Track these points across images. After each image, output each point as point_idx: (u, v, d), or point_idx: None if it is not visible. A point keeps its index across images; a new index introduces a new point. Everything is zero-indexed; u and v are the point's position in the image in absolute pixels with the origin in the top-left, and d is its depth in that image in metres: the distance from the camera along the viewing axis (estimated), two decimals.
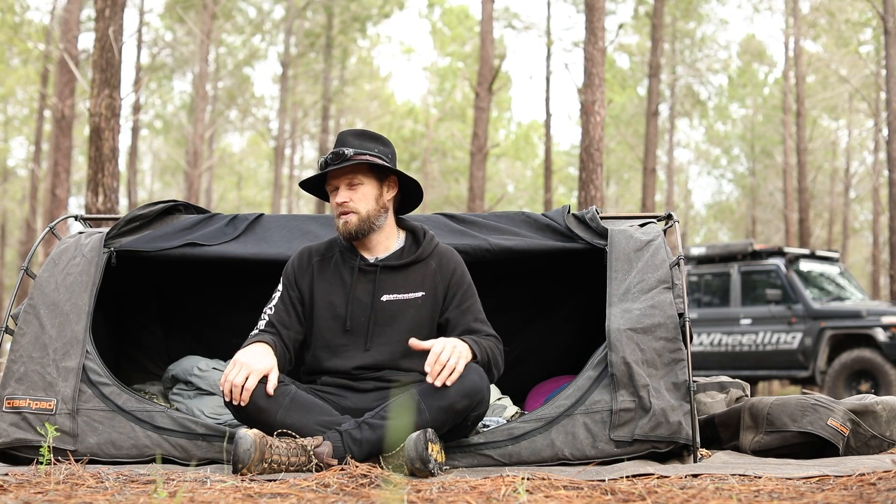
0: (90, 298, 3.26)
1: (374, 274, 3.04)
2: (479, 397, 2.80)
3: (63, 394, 3.09)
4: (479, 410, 2.85)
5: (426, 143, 26.03)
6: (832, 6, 20.08)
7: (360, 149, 3.01)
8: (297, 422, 2.79)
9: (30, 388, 3.11)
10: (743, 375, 10.89)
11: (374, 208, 3.02)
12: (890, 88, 11.49)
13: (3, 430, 3.06)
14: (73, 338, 3.17)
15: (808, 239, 18.19)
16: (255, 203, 32.09)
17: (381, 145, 3.07)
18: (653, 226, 3.47)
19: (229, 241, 3.51)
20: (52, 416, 3.05)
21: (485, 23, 13.98)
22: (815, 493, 2.28)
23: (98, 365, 3.15)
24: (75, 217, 3.84)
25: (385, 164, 3.02)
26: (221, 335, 4.05)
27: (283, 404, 2.80)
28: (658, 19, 15.36)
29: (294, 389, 2.86)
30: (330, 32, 21.60)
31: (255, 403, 2.78)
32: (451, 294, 3.05)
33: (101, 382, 3.13)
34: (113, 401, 3.10)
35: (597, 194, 7.21)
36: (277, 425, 2.77)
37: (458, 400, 2.75)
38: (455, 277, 3.07)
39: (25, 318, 3.24)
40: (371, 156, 3.00)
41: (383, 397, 2.90)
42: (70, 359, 3.14)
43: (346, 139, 3.05)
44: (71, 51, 13.09)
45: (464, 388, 2.75)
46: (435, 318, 3.05)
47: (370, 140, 3.06)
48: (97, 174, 5.82)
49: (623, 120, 24.89)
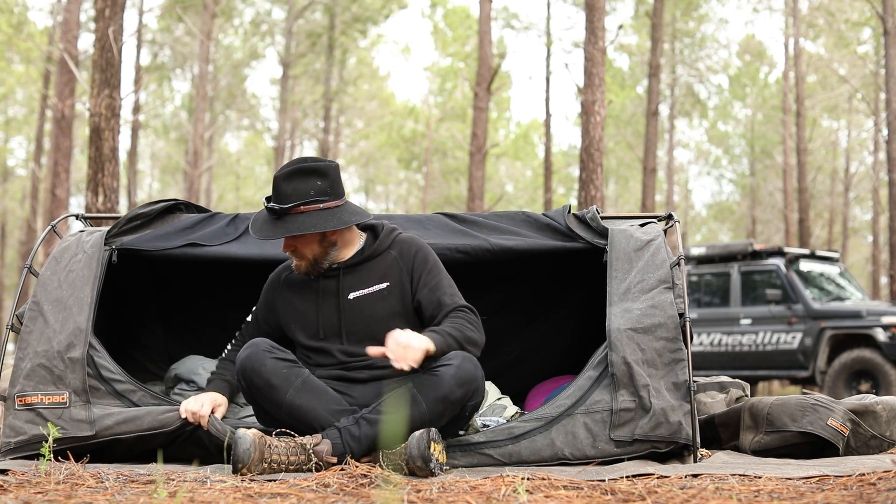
0: (92, 291, 3.28)
1: (336, 277, 3.05)
2: (474, 385, 2.82)
3: (74, 385, 3.10)
4: (476, 399, 2.87)
5: (426, 143, 26.02)
6: (832, 6, 20.08)
7: (295, 194, 2.90)
8: (307, 404, 2.80)
9: (39, 384, 3.12)
10: (743, 375, 10.88)
11: (320, 250, 3.00)
12: (890, 88, 11.49)
13: (19, 427, 3.07)
14: (77, 328, 3.19)
15: (808, 239, 18.18)
16: (255, 203, 32.09)
17: (317, 179, 2.92)
18: (653, 226, 3.47)
19: (230, 242, 3.51)
20: (66, 408, 3.07)
21: (483, 23, 13.99)
22: (815, 493, 2.28)
23: (108, 361, 3.18)
24: (76, 216, 3.84)
25: (311, 224, 2.88)
26: (222, 335, 4.04)
27: (294, 384, 2.81)
28: (658, 19, 15.36)
29: (306, 372, 2.88)
30: (332, 33, 21.60)
31: (267, 381, 2.80)
32: (417, 277, 3.04)
33: (115, 379, 3.16)
34: (128, 398, 3.14)
35: (597, 194, 7.21)
36: (286, 405, 2.79)
37: (454, 389, 2.76)
38: (417, 260, 3.05)
39: (30, 315, 3.26)
40: (305, 205, 2.89)
41: (381, 388, 2.91)
42: (74, 349, 3.15)
43: (279, 185, 2.93)
44: (71, 51, 13.09)
45: (459, 377, 2.77)
46: (407, 305, 3.05)
47: (305, 177, 2.92)
48: (97, 174, 5.83)
49: (623, 120, 24.88)
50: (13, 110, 26.25)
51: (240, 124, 27.17)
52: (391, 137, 26.85)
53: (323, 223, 2.89)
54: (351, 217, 2.95)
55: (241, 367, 2.85)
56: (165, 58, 23.38)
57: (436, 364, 2.82)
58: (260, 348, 2.86)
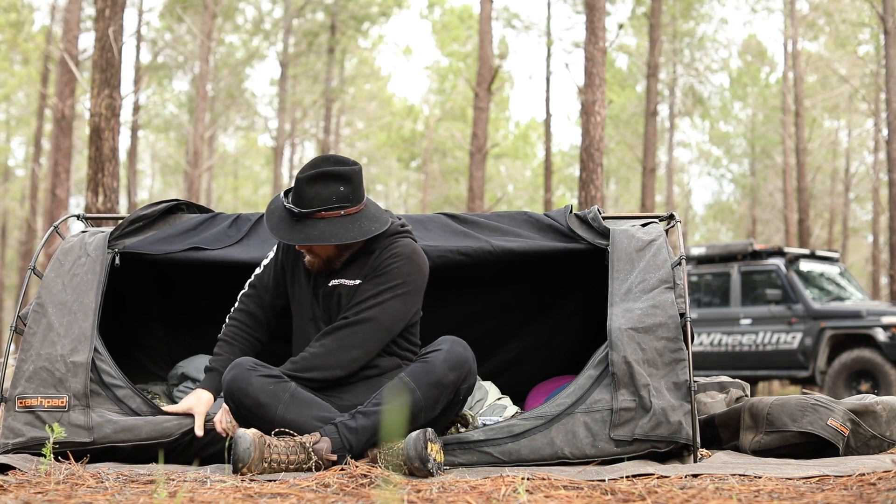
0: (97, 296, 3.28)
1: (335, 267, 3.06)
2: (466, 368, 2.85)
3: (74, 390, 3.11)
4: (469, 382, 2.90)
5: (426, 143, 26.02)
6: (831, 6, 20.08)
7: (317, 199, 2.88)
8: (297, 417, 2.79)
9: (40, 386, 3.12)
10: (743, 375, 10.88)
11: (335, 252, 2.99)
12: (890, 88, 11.50)
13: (18, 429, 3.07)
14: (81, 334, 3.19)
15: (808, 239, 18.19)
16: (254, 203, 32.09)
17: (340, 185, 2.90)
18: (654, 226, 3.47)
19: (232, 245, 3.52)
20: (65, 412, 3.07)
21: (483, 23, 13.99)
22: (815, 493, 2.28)
23: (111, 367, 3.18)
24: (77, 216, 3.84)
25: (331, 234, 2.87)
26: None
27: (282, 399, 2.81)
28: (656, 19, 15.36)
29: (293, 386, 2.86)
30: (333, 33, 21.59)
31: (256, 399, 2.79)
32: (370, 279, 2.98)
33: (115, 385, 3.16)
34: (127, 404, 3.13)
35: (597, 194, 7.21)
36: (278, 421, 2.78)
37: (447, 373, 2.80)
38: (380, 269, 2.97)
39: (35, 317, 3.27)
40: (326, 211, 2.88)
41: (375, 387, 2.91)
42: (78, 354, 3.16)
43: (301, 188, 2.90)
44: (71, 51, 13.09)
45: (450, 361, 2.81)
46: None
47: (328, 182, 2.89)
48: (97, 174, 5.83)
49: (623, 120, 24.88)
50: (13, 110, 26.24)
51: (240, 124, 27.16)
52: (391, 137, 26.86)
53: (343, 233, 2.88)
54: (371, 226, 2.92)
55: (228, 388, 2.84)
56: (165, 58, 23.38)
57: (426, 351, 2.88)
58: (244, 367, 2.85)
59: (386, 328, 2.95)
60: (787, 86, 20.92)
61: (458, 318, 3.85)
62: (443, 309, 3.67)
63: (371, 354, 2.95)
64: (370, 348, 2.94)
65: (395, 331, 2.98)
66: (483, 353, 3.03)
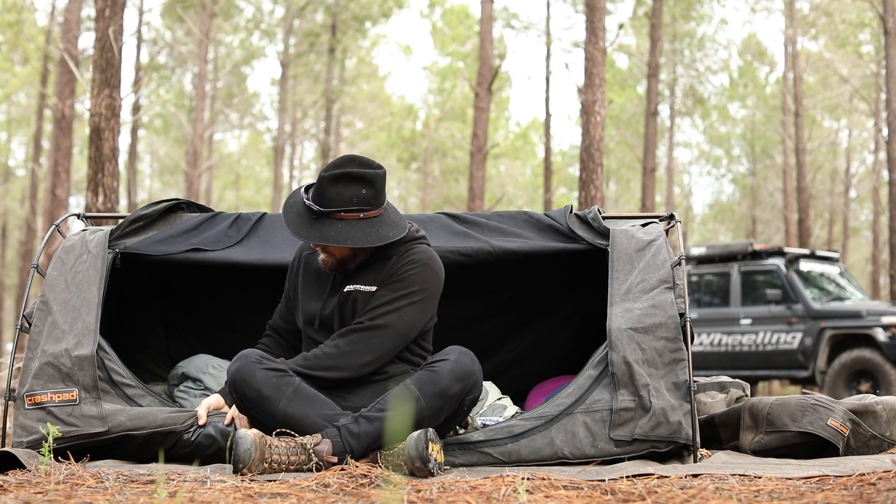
0: (99, 291, 3.30)
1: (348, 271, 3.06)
2: (472, 380, 2.83)
3: (83, 383, 3.12)
4: (474, 394, 2.88)
5: (426, 143, 26.01)
6: (831, 7, 20.07)
7: (338, 200, 2.87)
8: (299, 412, 2.79)
9: (48, 382, 3.13)
10: (743, 375, 10.88)
11: (350, 254, 2.98)
12: (890, 88, 11.49)
13: (30, 427, 3.07)
14: (85, 328, 3.21)
15: (808, 239, 18.18)
16: (253, 203, 32.08)
17: (362, 187, 2.89)
18: (654, 226, 3.47)
19: (233, 246, 3.52)
20: (76, 405, 3.08)
21: (484, 23, 13.98)
22: (815, 493, 2.28)
23: (119, 365, 3.19)
24: (77, 216, 3.84)
25: (348, 236, 2.87)
26: (223, 335, 4.06)
27: (286, 393, 2.80)
28: (656, 19, 15.36)
29: (297, 381, 2.85)
30: (334, 34, 21.59)
31: (259, 392, 2.79)
32: (386, 285, 2.98)
33: (125, 384, 3.17)
34: (137, 402, 3.15)
35: (597, 194, 7.21)
36: (279, 415, 2.78)
37: (452, 384, 2.79)
38: (399, 273, 2.96)
39: (39, 315, 3.28)
40: (345, 212, 2.88)
41: (380, 391, 2.91)
42: (83, 347, 3.16)
43: (323, 187, 2.89)
44: (71, 51, 13.08)
45: (456, 372, 2.79)
46: None
47: (350, 183, 2.88)
48: (97, 174, 5.82)
49: (623, 120, 24.87)
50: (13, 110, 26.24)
51: (240, 124, 27.16)
52: (391, 137, 26.84)
53: (360, 237, 2.87)
54: (389, 232, 2.92)
55: (232, 379, 2.85)
56: (165, 57, 23.38)
57: (433, 360, 2.86)
58: (249, 360, 2.85)
59: (401, 335, 2.95)
60: (787, 86, 20.92)
61: (458, 318, 3.85)
62: (443, 309, 3.66)
63: (383, 360, 2.95)
64: (383, 354, 2.94)
65: (410, 337, 2.98)
66: (483, 353, 3.02)
